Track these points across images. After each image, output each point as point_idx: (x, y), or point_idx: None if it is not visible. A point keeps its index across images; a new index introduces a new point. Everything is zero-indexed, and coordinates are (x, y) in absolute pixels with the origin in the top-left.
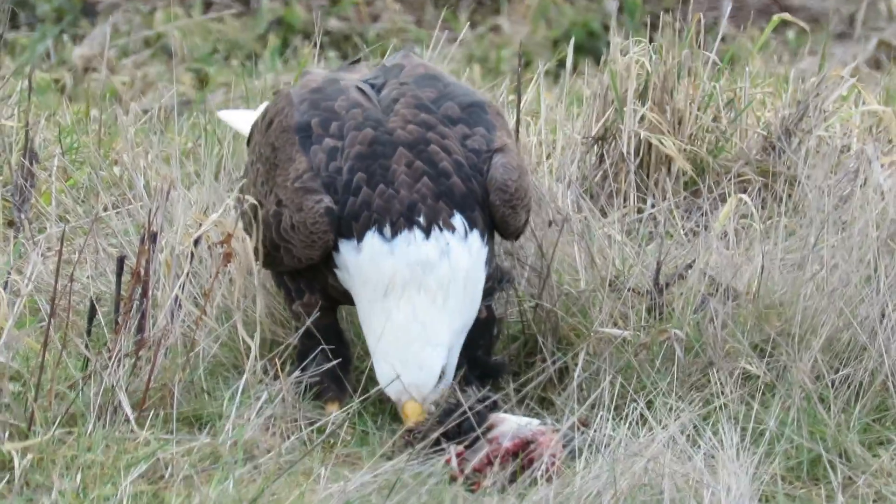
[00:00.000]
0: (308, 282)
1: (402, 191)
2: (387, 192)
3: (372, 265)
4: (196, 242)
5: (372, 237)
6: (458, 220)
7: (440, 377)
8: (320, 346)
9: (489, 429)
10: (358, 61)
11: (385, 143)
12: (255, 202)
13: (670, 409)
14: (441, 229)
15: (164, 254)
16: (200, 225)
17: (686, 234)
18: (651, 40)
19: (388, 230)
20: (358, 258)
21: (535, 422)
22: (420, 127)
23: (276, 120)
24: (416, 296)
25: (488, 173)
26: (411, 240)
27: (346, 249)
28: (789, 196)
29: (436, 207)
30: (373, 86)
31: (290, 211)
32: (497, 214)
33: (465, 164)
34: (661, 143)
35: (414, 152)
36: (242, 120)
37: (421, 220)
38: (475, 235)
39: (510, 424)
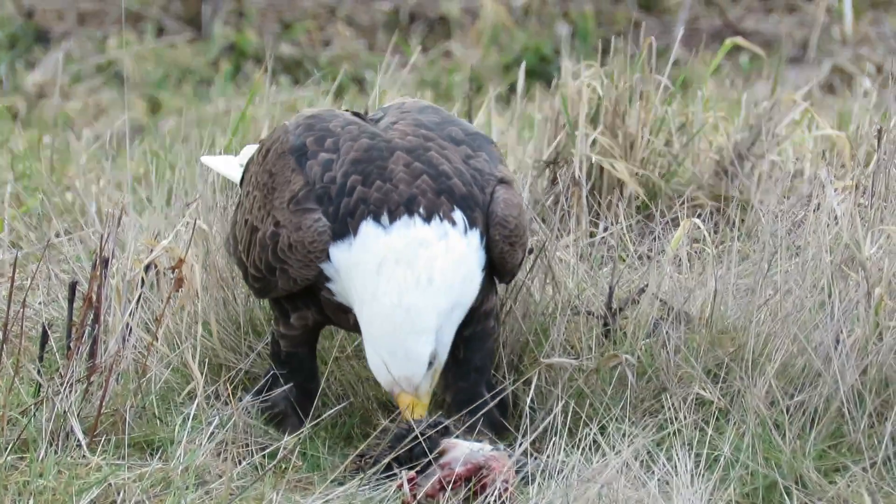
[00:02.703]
0: (304, 299)
1: (401, 186)
2: (384, 187)
3: (365, 250)
4: (147, 269)
5: (367, 225)
6: (458, 215)
7: (430, 364)
8: (290, 375)
9: (441, 454)
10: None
11: (382, 149)
12: (252, 225)
13: (624, 434)
14: (441, 219)
15: (116, 280)
16: (151, 251)
17: (639, 258)
18: (603, 65)
19: (385, 218)
20: (350, 252)
21: (488, 447)
22: (419, 139)
23: (272, 148)
24: (402, 275)
25: (489, 206)
26: (410, 224)
27: (339, 250)
28: (742, 221)
29: (436, 201)
30: (374, 120)
31: (287, 231)
32: (496, 250)
33: (467, 174)
34: (613, 168)
35: (412, 155)
36: (226, 164)
37: (421, 210)
38: (475, 234)
39: (462, 449)
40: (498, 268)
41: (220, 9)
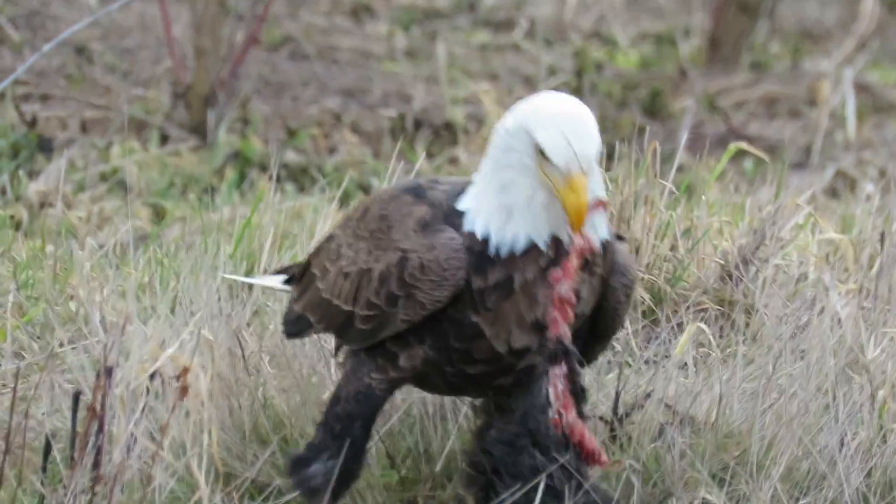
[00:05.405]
0: (418, 334)
1: None
2: None
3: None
4: (152, 377)
5: None
6: None
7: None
8: (338, 444)
9: None
10: None
11: None
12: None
13: None
14: None
15: (120, 389)
16: (156, 359)
17: (645, 363)
18: (608, 170)
19: None
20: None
21: None
22: None
23: (374, 203)
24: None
25: (606, 256)
26: None
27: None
28: (747, 325)
29: None
30: None
31: (418, 253)
32: (612, 300)
33: None
34: None
35: None
36: (262, 280)
37: None
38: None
39: None
40: (605, 325)
41: (225, 116)
